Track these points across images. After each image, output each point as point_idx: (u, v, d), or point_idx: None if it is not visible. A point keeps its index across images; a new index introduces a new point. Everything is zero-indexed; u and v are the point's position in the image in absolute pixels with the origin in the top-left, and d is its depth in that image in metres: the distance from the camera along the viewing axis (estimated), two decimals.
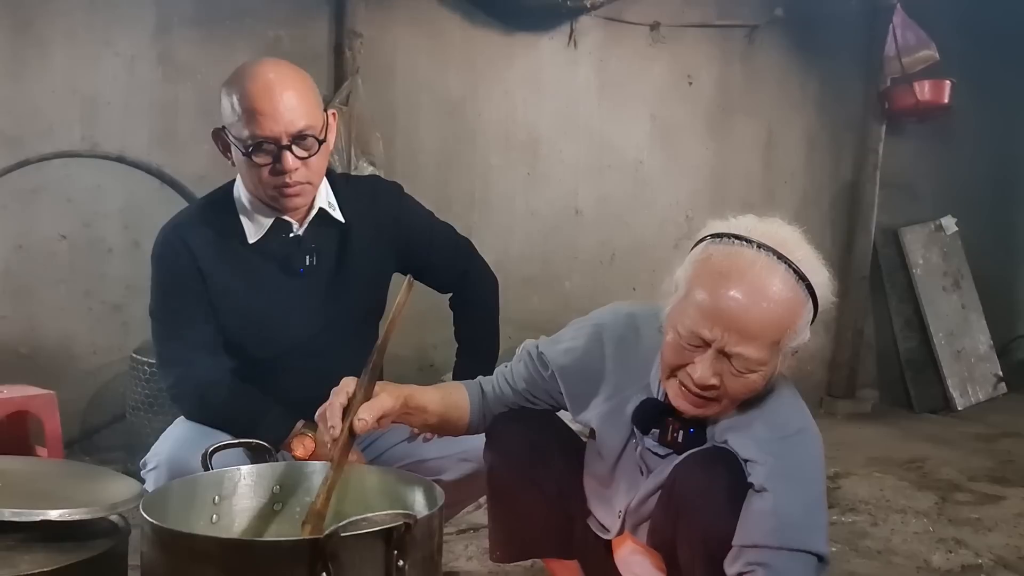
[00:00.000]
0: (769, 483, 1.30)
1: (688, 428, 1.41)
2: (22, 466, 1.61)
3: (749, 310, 1.28)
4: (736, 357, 1.30)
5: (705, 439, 1.41)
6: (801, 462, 1.34)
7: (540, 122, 3.87)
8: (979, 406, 4.67)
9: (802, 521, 1.30)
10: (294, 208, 1.79)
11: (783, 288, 1.30)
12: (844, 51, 4.46)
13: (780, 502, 1.29)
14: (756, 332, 1.28)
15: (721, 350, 1.30)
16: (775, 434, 1.35)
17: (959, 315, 4.77)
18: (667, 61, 4.09)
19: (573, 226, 3.97)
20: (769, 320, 1.29)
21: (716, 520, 1.32)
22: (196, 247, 1.78)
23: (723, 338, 1.29)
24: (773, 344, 1.31)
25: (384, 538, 1.10)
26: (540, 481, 1.55)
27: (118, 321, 3.15)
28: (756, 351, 1.29)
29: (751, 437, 1.35)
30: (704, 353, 1.32)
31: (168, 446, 1.71)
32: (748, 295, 1.28)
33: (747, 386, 1.34)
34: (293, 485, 1.41)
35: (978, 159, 4.84)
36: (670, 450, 1.45)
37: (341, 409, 1.33)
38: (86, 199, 3.10)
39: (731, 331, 1.29)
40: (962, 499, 3.14)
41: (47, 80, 3.01)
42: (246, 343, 1.82)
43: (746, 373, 1.32)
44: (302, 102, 1.71)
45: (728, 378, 1.33)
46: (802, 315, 1.33)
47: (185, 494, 1.32)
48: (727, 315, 1.28)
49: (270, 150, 1.70)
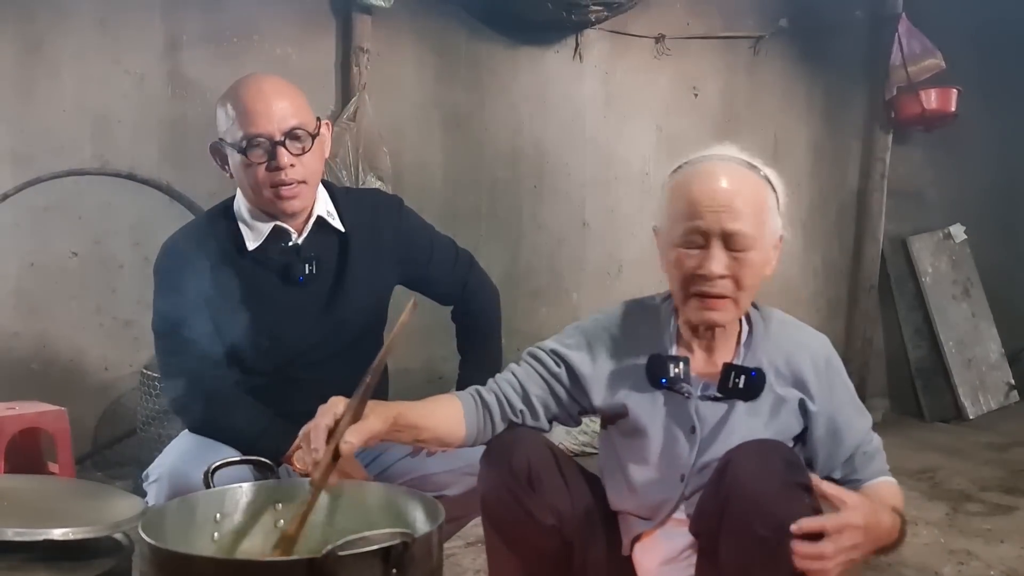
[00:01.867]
0: (830, 407, 1.55)
1: (750, 372, 1.51)
2: (27, 485, 1.62)
3: (729, 187, 1.47)
4: (734, 237, 1.45)
5: (764, 381, 1.51)
6: (841, 370, 1.60)
7: (546, 135, 3.88)
8: (990, 415, 4.63)
9: (865, 422, 1.61)
10: (292, 211, 1.81)
11: (745, 171, 1.51)
12: (849, 61, 4.46)
13: (857, 416, 1.59)
14: (741, 205, 1.46)
15: (720, 234, 1.45)
16: (819, 357, 1.57)
17: (969, 323, 4.74)
18: (672, 73, 4.10)
19: (580, 238, 3.98)
20: (747, 193, 1.47)
21: (765, 513, 1.31)
22: (197, 260, 1.80)
23: (718, 220, 1.45)
24: (758, 218, 1.47)
25: (382, 557, 1.10)
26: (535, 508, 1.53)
27: (129, 337, 3.18)
28: (748, 225, 1.46)
29: (804, 368, 1.55)
30: (707, 252, 1.47)
31: (170, 459, 1.72)
32: (722, 178, 1.48)
33: (747, 266, 1.47)
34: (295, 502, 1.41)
35: (986, 167, 4.81)
36: (724, 397, 1.53)
37: (326, 431, 1.33)
38: (97, 216, 3.13)
39: (721, 211, 1.45)
40: (973, 510, 3.12)
41: (58, 99, 3.05)
42: (247, 354, 1.83)
43: (747, 252, 1.46)
44: (292, 103, 1.78)
45: (734, 266, 1.46)
46: (767, 195, 1.51)
47: (186, 512, 1.32)
48: (713, 198, 1.46)
49: (264, 147, 1.75)
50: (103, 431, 3.18)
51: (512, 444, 1.56)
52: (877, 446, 1.61)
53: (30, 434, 2.46)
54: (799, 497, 1.35)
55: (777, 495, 1.32)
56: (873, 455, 1.59)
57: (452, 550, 2.47)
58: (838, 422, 1.56)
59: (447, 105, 3.69)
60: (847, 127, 4.53)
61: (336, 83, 3.46)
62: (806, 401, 1.55)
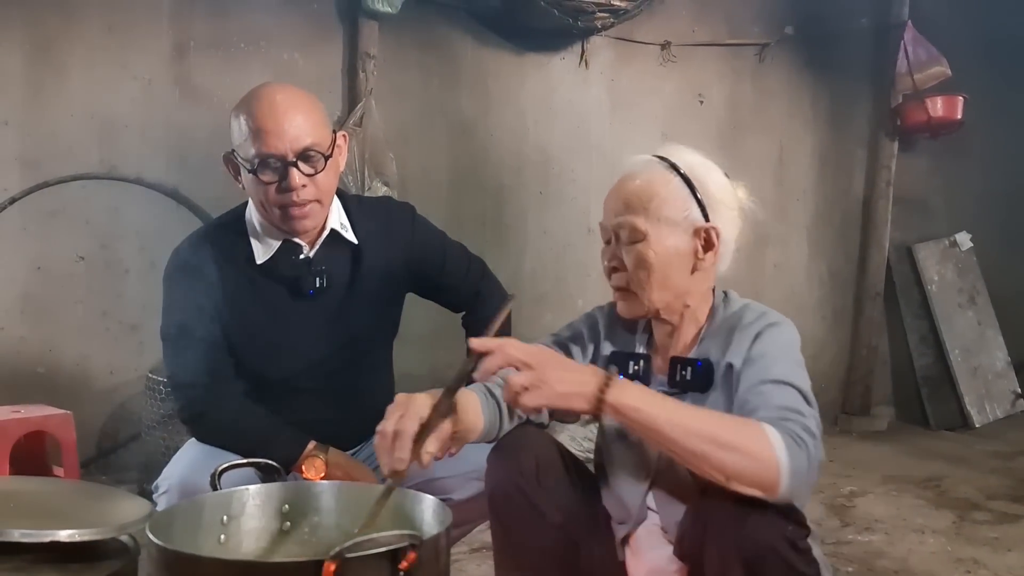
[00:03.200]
0: (749, 359, 1.44)
1: (695, 363, 1.50)
2: (34, 486, 1.62)
3: (619, 189, 1.55)
4: (620, 229, 1.52)
5: (712, 369, 1.49)
6: (776, 340, 1.46)
7: (552, 142, 3.89)
8: (997, 423, 4.61)
9: (783, 368, 1.41)
10: (303, 230, 1.80)
11: (644, 168, 1.55)
12: (855, 68, 4.47)
13: (759, 364, 1.42)
14: (625, 203, 1.51)
15: (614, 231, 1.53)
16: (751, 331, 1.47)
17: (975, 331, 4.73)
18: (678, 80, 4.11)
19: (585, 244, 3.97)
20: (633, 190, 1.52)
21: (748, 527, 1.30)
22: (207, 268, 1.80)
23: (608, 217, 1.54)
24: (646, 212, 1.50)
25: (390, 559, 1.09)
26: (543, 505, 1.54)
27: (135, 341, 3.19)
28: (632, 219, 1.50)
29: (737, 344, 1.47)
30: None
31: (179, 469, 1.72)
32: (621, 181, 1.56)
33: (638, 258, 1.50)
34: (302, 505, 1.41)
35: (992, 174, 4.81)
36: (678, 390, 1.51)
37: (412, 440, 1.29)
38: (104, 221, 3.14)
39: (611, 211, 1.54)
40: (980, 518, 3.11)
41: (65, 104, 3.06)
42: (257, 364, 1.83)
43: (634, 244, 1.50)
44: (307, 121, 1.73)
45: (625, 256, 1.51)
46: (670, 188, 1.51)
47: (193, 514, 1.32)
48: (610, 197, 1.56)
49: (276, 167, 1.72)
50: (108, 435, 3.18)
51: (520, 442, 1.57)
52: (774, 397, 1.36)
53: (35, 438, 2.46)
54: (778, 509, 1.33)
55: (757, 512, 1.31)
56: (762, 401, 1.37)
57: (457, 556, 2.47)
58: (747, 371, 1.43)
59: (453, 111, 3.69)
60: (853, 134, 4.53)
61: (342, 89, 3.47)
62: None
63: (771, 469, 1.26)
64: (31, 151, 3.03)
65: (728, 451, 1.27)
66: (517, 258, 3.83)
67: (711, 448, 1.27)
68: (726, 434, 1.28)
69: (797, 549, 1.33)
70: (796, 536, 1.34)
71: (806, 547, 1.40)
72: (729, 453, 1.27)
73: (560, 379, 1.30)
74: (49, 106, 3.04)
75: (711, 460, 1.28)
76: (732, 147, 4.27)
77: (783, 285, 4.43)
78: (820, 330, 4.57)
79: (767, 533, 1.30)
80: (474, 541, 2.46)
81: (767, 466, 1.26)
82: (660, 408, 1.30)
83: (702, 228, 1.51)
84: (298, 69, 3.35)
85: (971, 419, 4.56)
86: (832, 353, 4.60)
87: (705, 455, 1.28)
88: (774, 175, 4.39)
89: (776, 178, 4.40)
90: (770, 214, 4.39)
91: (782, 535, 1.31)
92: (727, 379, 1.46)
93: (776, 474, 1.26)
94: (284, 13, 3.36)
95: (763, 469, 1.26)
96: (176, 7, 3.20)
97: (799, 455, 1.27)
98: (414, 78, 3.61)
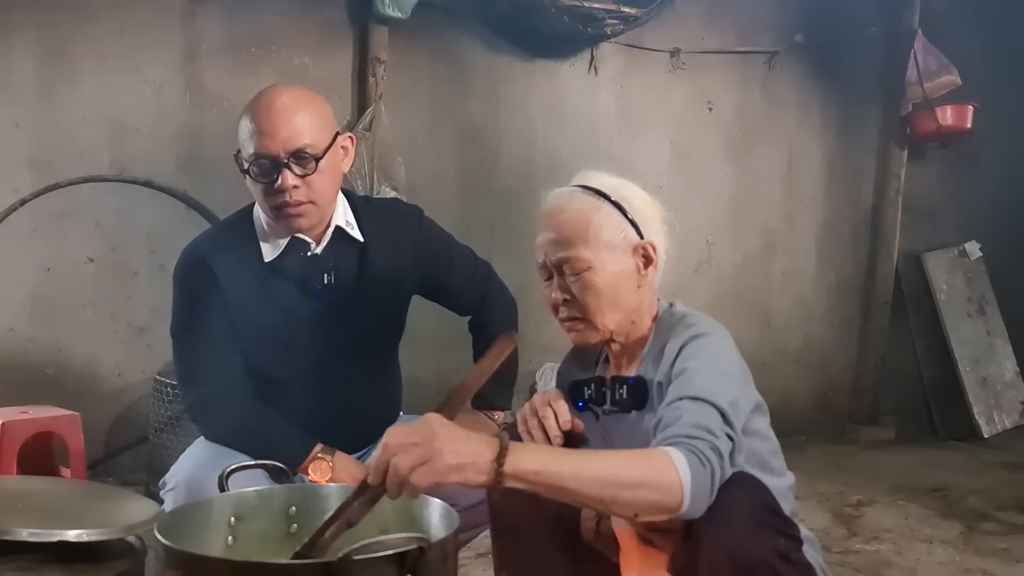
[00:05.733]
0: (672, 374, 1.43)
1: (628, 381, 1.52)
2: (42, 486, 1.63)
3: (551, 224, 1.54)
4: (564, 263, 1.51)
5: (645, 387, 1.50)
6: (699, 352, 1.44)
7: (561, 148, 3.89)
8: (1005, 434, 4.59)
9: (702, 382, 1.38)
10: (297, 229, 1.81)
11: (571, 199, 1.55)
12: (865, 77, 4.46)
13: (679, 380, 1.40)
14: (563, 236, 1.51)
15: (556, 266, 1.52)
16: (675, 345, 1.46)
17: (984, 341, 4.71)
18: (687, 87, 4.11)
19: None
20: (567, 223, 1.51)
21: (739, 542, 1.31)
22: (216, 267, 1.80)
23: (545, 255, 1.53)
24: (585, 241, 1.50)
25: (397, 562, 1.09)
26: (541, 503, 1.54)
27: (143, 343, 3.20)
28: (573, 250, 1.49)
29: (665, 360, 1.47)
30: (551, 282, 1.55)
31: (187, 467, 1.73)
32: (549, 216, 1.54)
33: (588, 287, 1.50)
34: (309, 507, 1.41)
35: (1002, 184, 4.79)
36: (620, 409, 1.53)
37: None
38: (113, 223, 3.15)
39: (548, 247, 1.53)
40: (989, 529, 3.09)
41: (77, 106, 3.08)
42: (266, 363, 1.84)
43: (580, 274, 1.49)
44: (304, 122, 1.73)
45: (573, 287, 1.51)
46: (599, 211, 1.51)
47: (201, 515, 1.32)
48: (541, 233, 1.55)
49: (268, 167, 1.73)
50: (115, 437, 3.19)
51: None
52: (688, 414, 1.34)
53: (43, 438, 2.47)
54: (769, 523, 1.34)
55: (749, 527, 1.31)
56: (676, 417, 1.34)
57: (462, 561, 2.46)
58: (671, 387, 1.42)
59: (462, 117, 3.70)
60: (862, 143, 4.52)
61: (352, 93, 3.48)
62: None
63: (675, 494, 1.25)
64: (42, 153, 3.04)
65: (633, 490, 1.25)
66: (525, 264, 3.78)
67: (617, 491, 1.25)
68: (631, 473, 1.25)
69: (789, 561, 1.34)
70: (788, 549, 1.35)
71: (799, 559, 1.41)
72: (634, 491, 1.25)
73: (452, 451, 1.18)
74: (60, 108, 3.06)
75: (619, 502, 1.26)
76: (741, 155, 4.27)
77: (791, 293, 4.42)
78: (828, 339, 4.55)
79: (759, 547, 1.30)
80: (479, 546, 2.45)
81: (671, 492, 1.25)
82: (562, 465, 1.24)
83: (639, 245, 1.52)
84: (308, 73, 3.36)
85: (979, 429, 4.54)
86: (840, 362, 4.58)
87: (613, 499, 1.26)
88: (783, 183, 4.39)
89: (785, 186, 4.39)
90: (778, 222, 4.38)
91: (774, 548, 1.32)
92: (660, 396, 1.46)
93: (680, 496, 1.25)
94: (295, 17, 3.38)
95: (667, 496, 1.25)
96: (188, 11, 3.21)
97: (702, 475, 1.27)
98: (424, 83, 3.62)
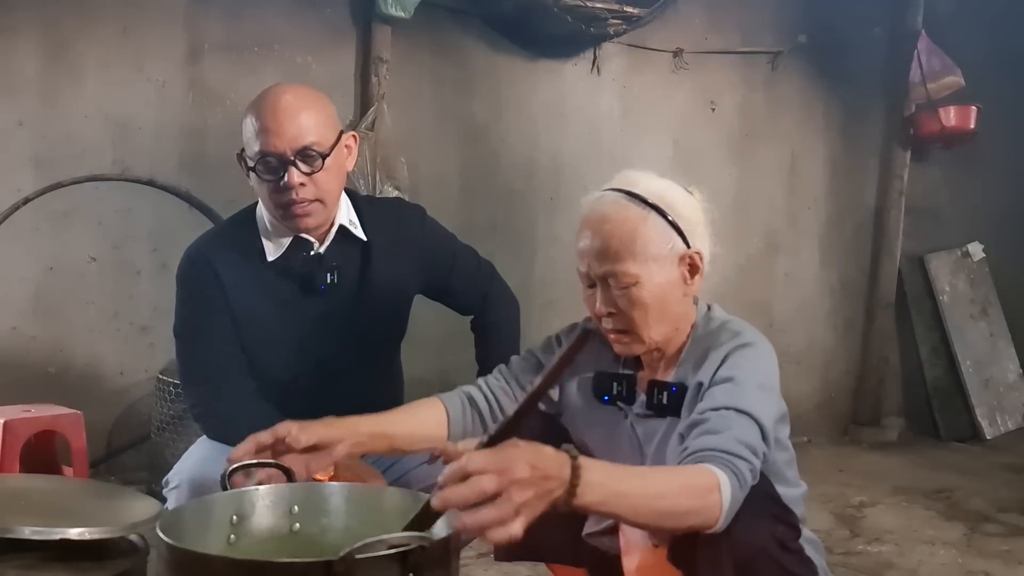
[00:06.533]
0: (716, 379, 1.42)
1: (670, 388, 1.50)
2: (45, 485, 1.62)
3: (595, 234, 1.49)
4: (611, 277, 1.47)
5: (684, 394, 1.48)
6: (745, 363, 1.43)
7: (563, 148, 3.89)
8: (1008, 435, 4.58)
9: (750, 397, 1.38)
10: (304, 228, 1.81)
11: (619, 209, 1.49)
12: (868, 77, 4.45)
13: (726, 387, 1.40)
14: (609, 248, 1.47)
15: (601, 278, 1.48)
16: (722, 351, 1.45)
17: (987, 343, 4.70)
18: (690, 87, 4.11)
19: None
20: (613, 234, 1.47)
21: (738, 530, 1.31)
22: (219, 266, 1.81)
23: (594, 265, 1.49)
24: (632, 255, 1.46)
25: (399, 560, 1.09)
26: None
27: (145, 342, 3.20)
28: (620, 264, 1.46)
29: (710, 364, 1.46)
30: (595, 291, 1.51)
31: (190, 465, 1.73)
32: (593, 225, 1.50)
33: (635, 302, 1.47)
34: (311, 506, 1.40)
35: (1005, 185, 4.78)
36: (656, 414, 1.51)
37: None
38: (116, 222, 3.16)
39: (594, 257, 1.49)
40: (992, 531, 3.09)
41: (80, 105, 3.08)
42: (268, 362, 1.84)
43: (627, 288, 1.47)
44: (309, 120, 1.74)
45: (619, 301, 1.48)
46: (645, 223, 1.48)
47: (203, 514, 1.31)
48: (589, 244, 1.50)
49: (274, 165, 1.73)
50: (118, 436, 3.19)
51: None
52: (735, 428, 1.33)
53: (45, 437, 2.47)
54: (767, 511, 1.34)
55: (747, 516, 1.31)
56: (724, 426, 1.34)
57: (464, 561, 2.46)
58: (713, 390, 1.42)
59: (464, 116, 3.70)
60: (865, 144, 4.52)
61: (355, 93, 3.48)
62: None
63: (715, 518, 1.27)
64: (45, 152, 3.05)
65: (681, 518, 1.26)
66: (527, 264, 3.83)
67: (666, 521, 1.27)
68: (682, 503, 1.25)
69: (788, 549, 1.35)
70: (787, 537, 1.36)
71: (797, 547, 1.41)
72: (681, 519, 1.27)
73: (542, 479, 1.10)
74: (63, 107, 3.06)
75: (664, 528, 1.30)
76: (744, 155, 4.26)
77: (794, 294, 4.41)
78: (831, 340, 4.55)
79: (757, 535, 1.32)
80: (482, 546, 2.46)
81: (713, 517, 1.27)
82: (622, 499, 1.20)
83: (686, 255, 1.50)
84: (311, 73, 3.36)
85: (982, 431, 4.53)
86: (843, 363, 4.57)
87: (659, 526, 1.30)
88: (786, 184, 4.38)
89: (788, 187, 4.39)
90: (781, 223, 4.38)
91: (772, 536, 1.33)
92: (696, 398, 1.45)
93: (717, 519, 1.27)
94: (298, 17, 3.38)
95: (708, 520, 1.27)
96: (191, 10, 3.21)
97: (739, 497, 1.29)
98: (426, 83, 3.62)
